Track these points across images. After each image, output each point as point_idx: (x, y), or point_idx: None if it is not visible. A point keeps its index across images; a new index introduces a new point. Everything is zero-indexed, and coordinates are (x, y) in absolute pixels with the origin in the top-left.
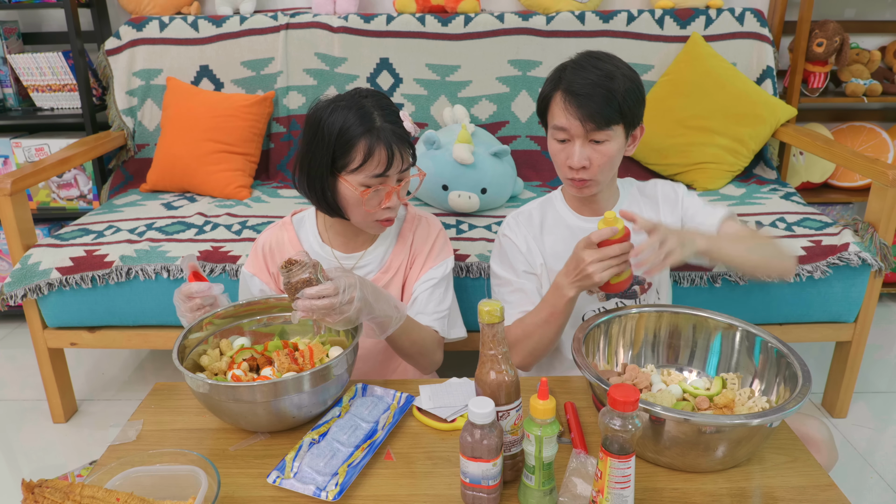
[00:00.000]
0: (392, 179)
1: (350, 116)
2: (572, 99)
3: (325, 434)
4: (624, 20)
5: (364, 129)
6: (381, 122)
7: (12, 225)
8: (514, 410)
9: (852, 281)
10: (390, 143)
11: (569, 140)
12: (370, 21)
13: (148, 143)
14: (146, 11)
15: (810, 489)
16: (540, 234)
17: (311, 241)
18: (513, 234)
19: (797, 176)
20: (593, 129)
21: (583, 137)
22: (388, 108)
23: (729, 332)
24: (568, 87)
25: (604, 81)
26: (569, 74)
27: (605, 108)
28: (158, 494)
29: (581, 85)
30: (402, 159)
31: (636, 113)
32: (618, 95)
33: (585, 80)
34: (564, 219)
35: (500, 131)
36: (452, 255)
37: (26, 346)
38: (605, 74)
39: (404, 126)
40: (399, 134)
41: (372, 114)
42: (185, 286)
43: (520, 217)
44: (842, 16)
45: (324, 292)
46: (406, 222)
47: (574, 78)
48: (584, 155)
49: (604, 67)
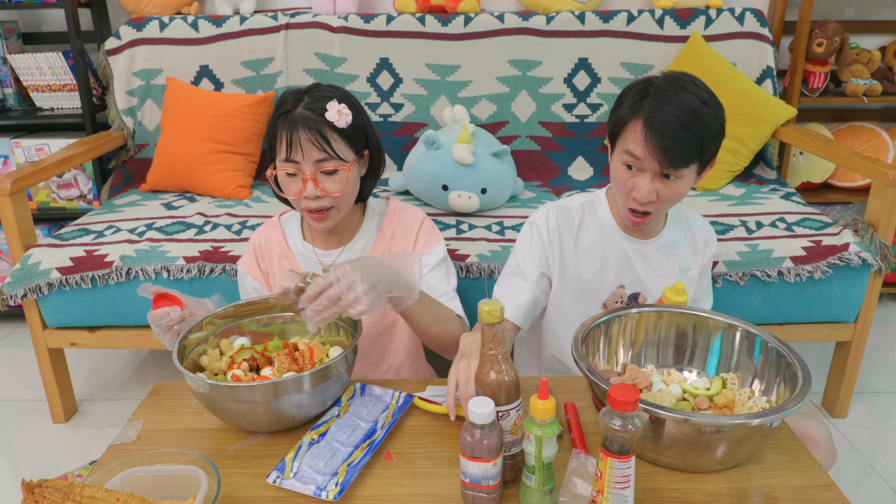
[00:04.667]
0: (305, 167)
1: (282, 106)
2: (653, 137)
3: (325, 434)
4: (624, 20)
5: (279, 114)
6: (299, 109)
7: (12, 225)
8: (514, 410)
9: (852, 281)
10: (296, 128)
11: (639, 171)
12: (370, 21)
13: (148, 143)
14: (146, 11)
15: (810, 489)
16: (576, 234)
17: (295, 239)
18: (546, 229)
19: (797, 176)
20: (668, 167)
21: (653, 172)
22: (320, 98)
23: (729, 332)
24: (650, 121)
25: (690, 122)
26: (651, 105)
27: (687, 152)
28: (158, 494)
29: (664, 124)
30: (316, 146)
31: (715, 150)
32: (702, 138)
33: (670, 118)
34: (604, 228)
35: (500, 131)
36: (443, 242)
37: (26, 346)
38: (691, 113)
39: (326, 115)
40: (314, 120)
41: (298, 101)
42: (149, 314)
43: (561, 214)
44: (842, 16)
45: (317, 288)
46: (386, 216)
47: (657, 112)
48: (652, 189)
49: (690, 102)
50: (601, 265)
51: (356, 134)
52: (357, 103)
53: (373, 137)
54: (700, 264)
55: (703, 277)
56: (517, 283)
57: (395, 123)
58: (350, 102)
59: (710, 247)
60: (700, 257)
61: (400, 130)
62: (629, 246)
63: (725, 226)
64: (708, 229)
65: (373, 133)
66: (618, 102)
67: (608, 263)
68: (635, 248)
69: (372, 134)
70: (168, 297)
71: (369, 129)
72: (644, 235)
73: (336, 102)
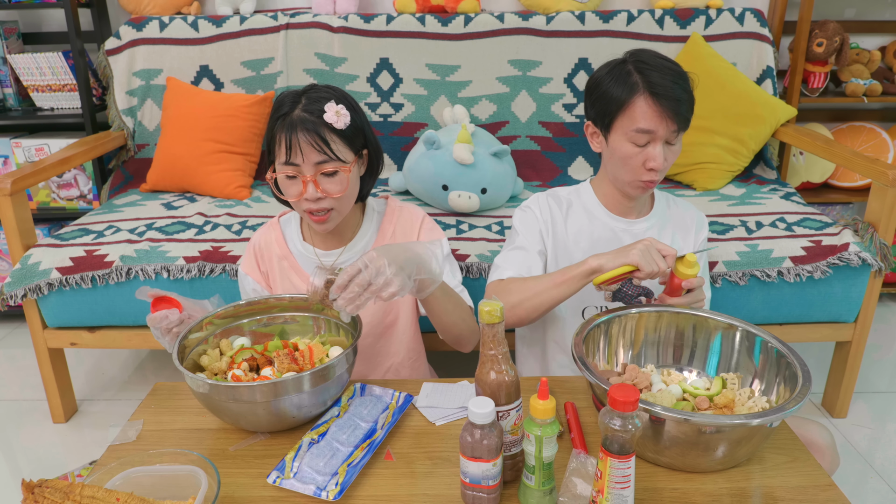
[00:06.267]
0: (305, 169)
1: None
2: (664, 101)
3: (325, 434)
4: (624, 20)
5: (277, 117)
6: (297, 112)
7: (12, 225)
8: (514, 410)
9: (852, 281)
10: (294, 131)
11: (651, 142)
12: (370, 21)
13: (148, 143)
14: (146, 11)
15: (810, 489)
16: (565, 217)
17: (295, 240)
18: (538, 209)
19: (797, 176)
20: (679, 130)
21: (665, 138)
22: (317, 100)
23: (729, 332)
24: (654, 89)
25: (681, 81)
26: (649, 76)
27: (688, 110)
28: (158, 494)
29: (665, 88)
30: (316, 148)
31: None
32: (691, 95)
33: (667, 82)
34: (591, 211)
35: (500, 131)
36: (445, 237)
37: (26, 346)
38: (677, 73)
39: (324, 117)
40: (312, 122)
41: (295, 104)
42: (148, 317)
43: (550, 198)
44: (842, 16)
45: (346, 276)
46: (385, 216)
47: (656, 80)
48: (663, 155)
49: (669, 65)
50: (591, 246)
51: (355, 134)
52: (354, 103)
53: (371, 137)
54: (693, 247)
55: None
56: (520, 253)
57: (395, 123)
58: (347, 103)
59: (703, 229)
60: (692, 240)
61: (400, 130)
62: (617, 226)
63: (725, 226)
64: (697, 212)
65: (371, 132)
66: (598, 91)
67: (598, 244)
68: (623, 227)
69: (370, 133)
70: (166, 300)
71: (367, 128)
72: (633, 215)
73: (334, 103)
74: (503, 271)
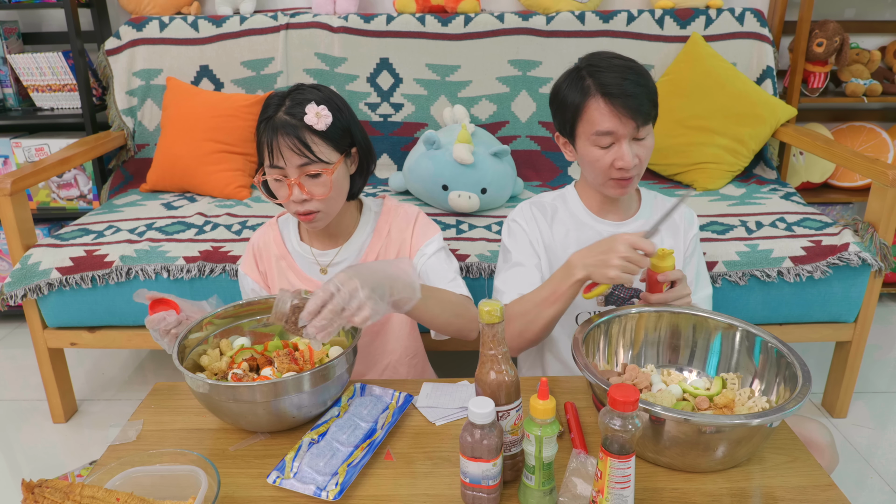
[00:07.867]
0: (289, 172)
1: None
2: (617, 100)
3: (325, 434)
4: (624, 20)
5: (261, 120)
6: (280, 115)
7: (12, 225)
8: (514, 410)
9: (852, 281)
10: (276, 135)
11: (614, 143)
12: (370, 21)
13: (148, 143)
14: (146, 11)
15: (810, 489)
16: (550, 224)
17: (292, 240)
18: (524, 221)
19: (797, 176)
20: (640, 125)
21: (629, 137)
22: (300, 102)
23: (729, 332)
24: (606, 89)
25: (635, 77)
26: (598, 80)
27: (647, 104)
28: (158, 494)
29: (619, 87)
30: (296, 152)
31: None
32: (650, 88)
33: (619, 80)
34: (577, 216)
35: (500, 131)
36: (440, 232)
37: (26, 346)
38: (630, 69)
39: (305, 119)
40: (293, 126)
41: (279, 106)
42: (146, 319)
43: (534, 207)
44: (842, 16)
45: (318, 301)
46: (382, 215)
47: (607, 81)
48: (633, 153)
49: (622, 63)
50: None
51: (340, 134)
52: (340, 102)
53: (359, 134)
54: (684, 245)
55: (691, 262)
56: (518, 271)
57: (395, 123)
58: (332, 103)
59: (693, 227)
60: (682, 238)
61: (400, 130)
62: (605, 229)
63: (725, 226)
64: (686, 209)
65: (359, 130)
66: (558, 100)
67: None
68: (610, 230)
69: (357, 131)
70: (164, 302)
71: (354, 126)
72: (619, 216)
73: (314, 105)
74: (504, 295)
